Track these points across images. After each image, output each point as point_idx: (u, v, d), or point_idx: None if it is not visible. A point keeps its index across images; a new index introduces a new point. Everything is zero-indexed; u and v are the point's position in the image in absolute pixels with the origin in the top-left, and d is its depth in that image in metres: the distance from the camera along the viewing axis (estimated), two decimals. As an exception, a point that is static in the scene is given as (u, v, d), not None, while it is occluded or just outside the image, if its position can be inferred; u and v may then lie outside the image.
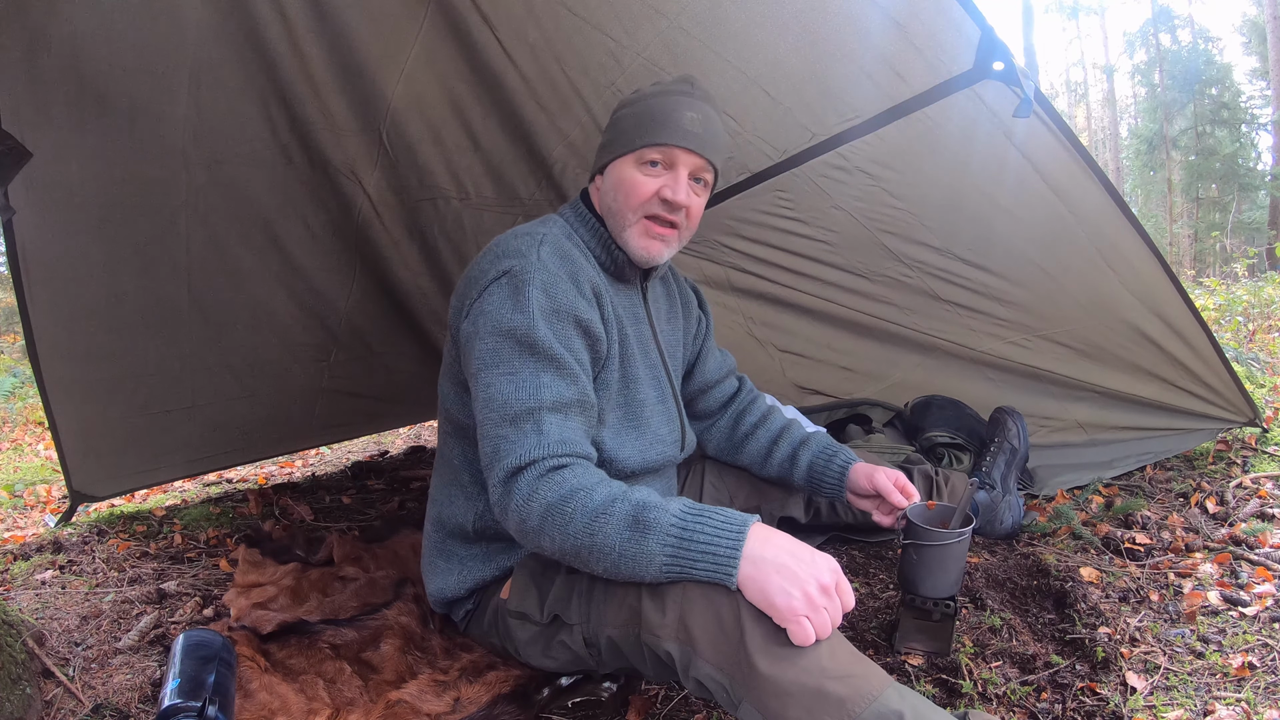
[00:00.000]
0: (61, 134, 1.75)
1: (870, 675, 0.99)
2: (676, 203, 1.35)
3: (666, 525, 1.05)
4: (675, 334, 1.61)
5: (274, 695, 1.34)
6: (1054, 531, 1.96)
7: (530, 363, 1.21)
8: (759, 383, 1.81)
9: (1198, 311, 2.04)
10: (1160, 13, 18.85)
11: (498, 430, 1.19)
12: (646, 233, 1.37)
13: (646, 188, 1.35)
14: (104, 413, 2.29)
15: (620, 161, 1.37)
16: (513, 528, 1.18)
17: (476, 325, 1.25)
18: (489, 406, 1.21)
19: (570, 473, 1.15)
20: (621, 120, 1.39)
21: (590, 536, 1.08)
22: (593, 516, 1.09)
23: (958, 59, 1.62)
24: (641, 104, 1.37)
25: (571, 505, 1.10)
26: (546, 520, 1.11)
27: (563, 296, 1.25)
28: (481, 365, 1.23)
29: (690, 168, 1.36)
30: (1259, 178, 15.18)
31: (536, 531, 1.13)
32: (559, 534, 1.11)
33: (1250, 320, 5.42)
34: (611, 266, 1.43)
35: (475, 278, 1.30)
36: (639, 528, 1.06)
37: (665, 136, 1.33)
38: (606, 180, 1.40)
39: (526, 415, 1.19)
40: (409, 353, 2.81)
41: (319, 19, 1.83)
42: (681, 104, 1.34)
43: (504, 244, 1.32)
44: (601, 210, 1.42)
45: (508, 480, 1.16)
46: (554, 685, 1.36)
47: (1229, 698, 1.29)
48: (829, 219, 2.35)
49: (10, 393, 5.92)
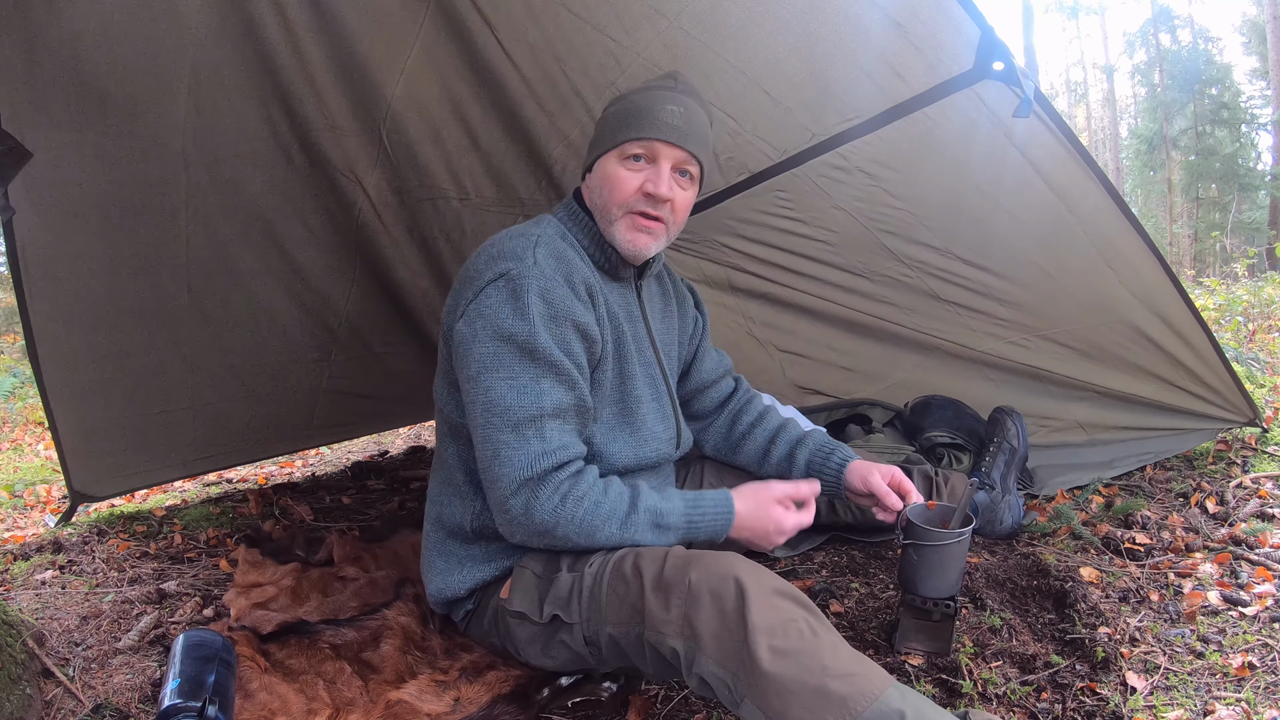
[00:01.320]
0: (61, 134, 1.75)
1: (872, 674, 0.99)
2: (659, 196, 1.35)
3: (680, 523, 1.30)
4: (670, 332, 1.62)
5: (274, 695, 1.34)
6: (1054, 531, 1.96)
7: (531, 369, 1.23)
8: (759, 383, 1.82)
9: (1198, 311, 2.04)
10: (1160, 13, 18.84)
11: (499, 435, 1.22)
12: (633, 226, 1.38)
13: (630, 183, 1.35)
14: (104, 413, 2.29)
15: (605, 158, 1.38)
16: (525, 535, 1.25)
17: (474, 327, 1.26)
18: (490, 411, 1.23)
19: (581, 482, 1.24)
20: (607, 119, 1.40)
21: (619, 541, 1.25)
22: (620, 526, 1.25)
23: (958, 59, 1.62)
24: (625, 101, 1.39)
25: (595, 518, 1.24)
26: (573, 529, 1.24)
27: (560, 302, 1.26)
28: (481, 369, 1.24)
29: (673, 160, 1.36)
30: (1259, 178, 15.17)
31: (559, 539, 1.25)
32: (584, 540, 1.25)
33: (1250, 320, 5.42)
34: (605, 264, 1.43)
35: (470, 278, 1.30)
36: (660, 530, 1.28)
37: (646, 130, 1.34)
38: (594, 177, 1.41)
39: (529, 422, 1.22)
40: (409, 353, 2.80)
41: (319, 19, 1.83)
42: (663, 98, 1.35)
43: (499, 245, 1.32)
44: (591, 207, 1.42)
45: (519, 491, 1.22)
46: (554, 685, 1.36)
47: (1229, 698, 1.29)
48: (829, 219, 2.35)
49: (10, 393, 5.92)
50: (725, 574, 1.08)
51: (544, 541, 1.26)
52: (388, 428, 3.78)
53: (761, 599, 1.05)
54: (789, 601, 1.06)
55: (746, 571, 1.08)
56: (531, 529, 1.24)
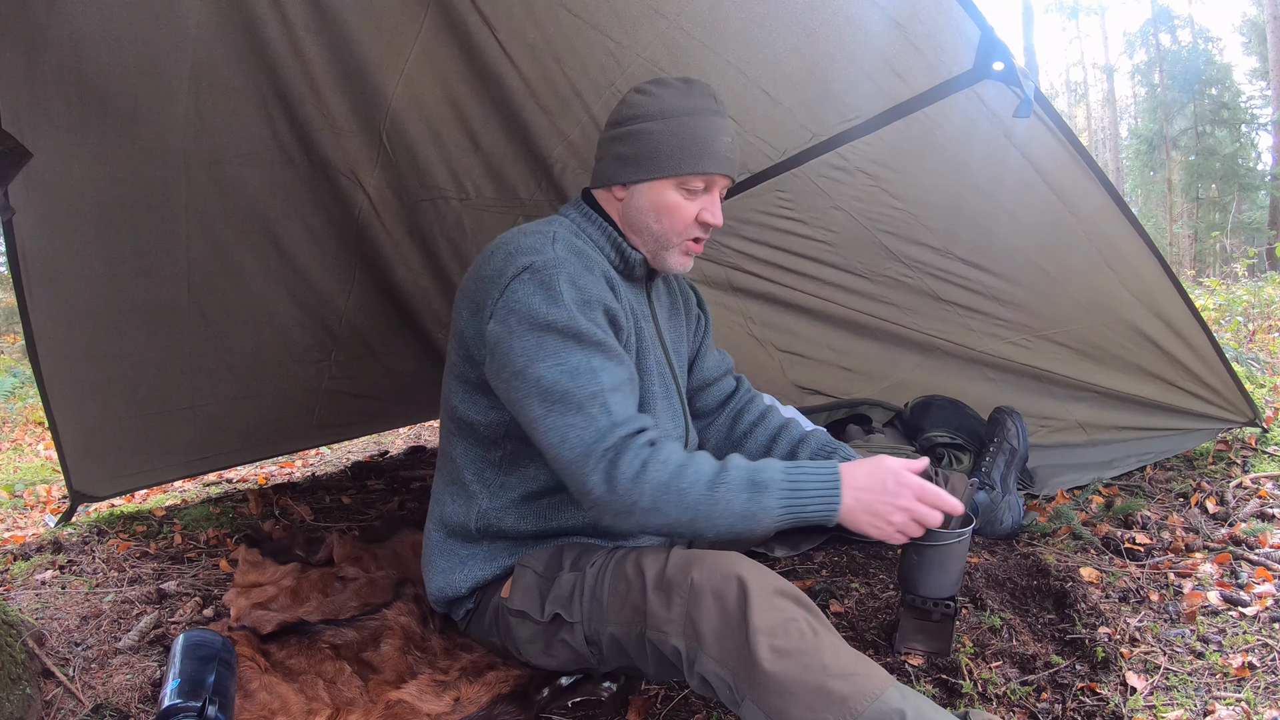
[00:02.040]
0: (61, 134, 1.75)
1: (872, 674, 1.00)
2: (715, 226, 1.39)
3: (780, 481, 1.15)
4: (679, 330, 1.62)
5: (274, 695, 1.34)
6: (1054, 531, 1.96)
7: (578, 351, 1.20)
8: (759, 383, 1.81)
9: (1198, 311, 2.04)
10: (1160, 13, 18.85)
11: (563, 420, 1.18)
12: (686, 252, 1.41)
13: (689, 212, 1.37)
14: (104, 413, 2.29)
15: (660, 184, 1.35)
16: (614, 513, 1.17)
17: (508, 323, 1.22)
18: (547, 399, 1.19)
19: (660, 447, 1.18)
20: (653, 137, 1.34)
21: (711, 504, 1.14)
22: (710, 486, 1.14)
23: (958, 59, 1.62)
24: (675, 123, 1.33)
25: (684, 479, 1.14)
26: (661, 497, 1.14)
27: (590, 287, 1.26)
28: (526, 361, 1.20)
29: (723, 187, 1.40)
30: (1259, 178, 15.16)
31: (648, 510, 1.15)
32: (674, 508, 1.14)
33: (1250, 320, 5.42)
34: (622, 266, 1.43)
35: (491, 277, 1.27)
36: (757, 488, 1.15)
37: (709, 165, 1.34)
38: (638, 198, 1.37)
39: (591, 399, 1.18)
40: (409, 353, 2.81)
41: (319, 19, 1.83)
42: (717, 126, 1.35)
43: (515, 242, 1.30)
44: (626, 224, 1.40)
45: (596, 467, 1.16)
46: (554, 685, 1.36)
47: (1229, 698, 1.29)
48: (829, 219, 2.35)
49: (10, 393, 5.92)
50: (728, 573, 1.08)
51: (633, 518, 1.16)
52: (388, 428, 3.79)
53: (763, 598, 1.05)
54: (790, 601, 1.07)
55: (749, 571, 1.09)
56: (618, 504, 1.15)
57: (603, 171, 1.41)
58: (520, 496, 1.35)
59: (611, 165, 1.39)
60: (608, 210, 1.42)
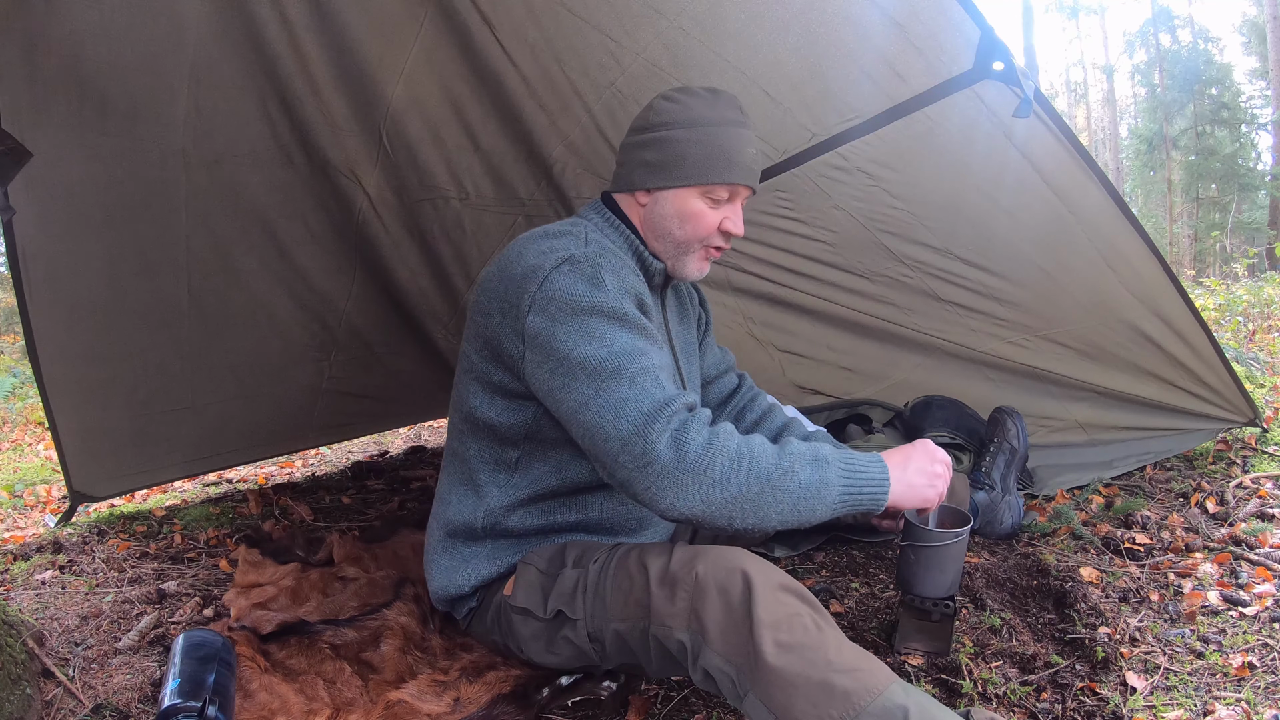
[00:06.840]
0: (61, 134, 1.75)
1: (876, 670, 1.00)
2: (737, 235, 1.41)
3: (836, 460, 1.17)
4: (688, 333, 1.63)
5: (274, 695, 1.34)
6: (1054, 531, 1.96)
7: (624, 333, 1.20)
8: (759, 383, 1.81)
9: (1198, 311, 2.04)
10: (1160, 13, 18.85)
11: (615, 395, 1.14)
12: (705, 258, 1.43)
13: (712, 220, 1.38)
14: (104, 413, 2.29)
15: (685, 192, 1.36)
16: (681, 483, 1.10)
17: (549, 314, 1.21)
18: (595, 378, 1.15)
19: (723, 425, 1.17)
20: (681, 144, 1.34)
21: (780, 475, 1.13)
22: (778, 456, 1.14)
23: (958, 59, 1.62)
24: (704, 131, 1.34)
25: (754, 449, 1.14)
26: (733, 466, 1.11)
27: (627, 279, 1.27)
28: (571, 347, 1.18)
29: (745, 198, 1.42)
30: (1259, 178, 15.17)
31: (717, 480, 1.10)
32: (743, 478, 1.11)
33: (1250, 320, 5.42)
34: (642, 270, 1.43)
35: (526, 273, 1.25)
36: (819, 464, 1.16)
37: (735, 176, 1.35)
38: (663, 204, 1.38)
39: (643, 373, 1.16)
40: (409, 353, 2.81)
41: (319, 19, 1.83)
42: (742, 138, 1.36)
43: (546, 240, 1.30)
44: (648, 228, 1.41)
45: (660, 435, 1.10)
46: (554, 685, 1.36)
47: (1229, 698, 1.29)
48: (829, 219, 2.36)
49: (10, 393, 5.92)
50: (732, 568, 1.09)
51: (699, 490, 1.10)
52: (388, 428, 3.79)
53: (767, 593, 1.05)
54: (794, 597, 1.07)
55: (753, 566, 1.09)
56: (686, 471, 1.09)
57: (626, 176, 1.41)
58: (529, 496, 1.35)
59: (636, 170, 1.39)
60: (629, 214, 1.42)
